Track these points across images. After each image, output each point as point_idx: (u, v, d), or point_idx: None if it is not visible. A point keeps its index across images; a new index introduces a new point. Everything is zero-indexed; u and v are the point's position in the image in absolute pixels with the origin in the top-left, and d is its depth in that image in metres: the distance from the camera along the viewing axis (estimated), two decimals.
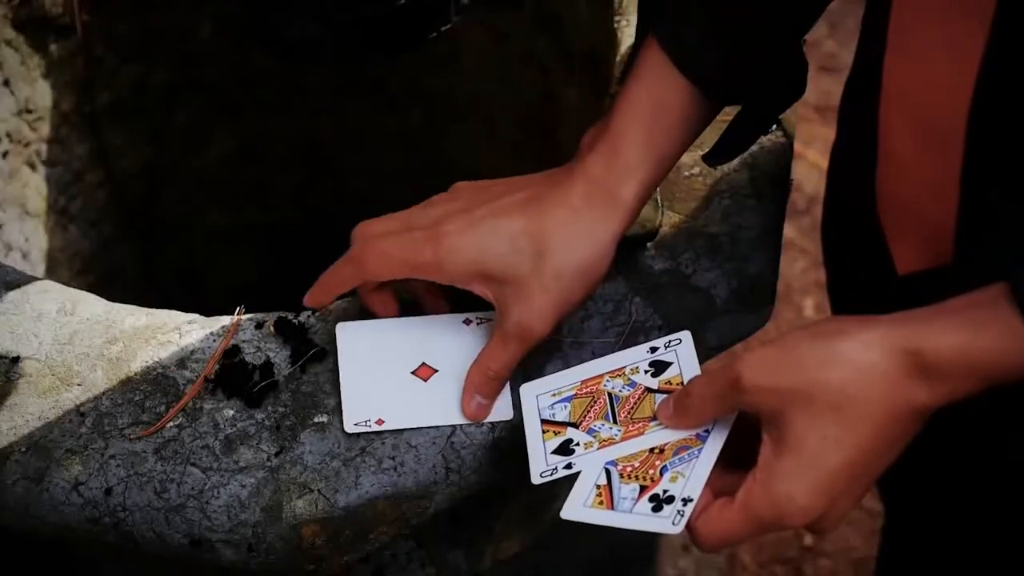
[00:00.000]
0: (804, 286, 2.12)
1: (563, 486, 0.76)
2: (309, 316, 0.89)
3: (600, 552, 1.26)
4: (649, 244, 0.91)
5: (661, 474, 0.73)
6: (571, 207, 0.78)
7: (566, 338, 0.86)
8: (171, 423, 0.83)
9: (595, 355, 0.84)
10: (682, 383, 0.77)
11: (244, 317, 0.89)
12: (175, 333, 0.88)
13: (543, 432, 0.79)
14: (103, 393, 0.85)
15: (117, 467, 0.81)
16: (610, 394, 0.79)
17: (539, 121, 1.42)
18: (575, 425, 0.78)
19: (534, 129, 1.44)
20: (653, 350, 0.80)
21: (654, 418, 0.76)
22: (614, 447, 0.76)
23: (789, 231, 2.14)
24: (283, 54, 1.16)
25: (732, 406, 0.70)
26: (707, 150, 0.87)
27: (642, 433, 0.75)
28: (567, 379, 0.81)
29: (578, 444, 0.77)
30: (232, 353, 0.86)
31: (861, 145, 0.84)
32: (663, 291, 0.88)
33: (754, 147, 0.97)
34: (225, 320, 0.89)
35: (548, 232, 0.78)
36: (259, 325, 0.89)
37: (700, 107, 0.79)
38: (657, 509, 0.71)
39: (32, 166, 1.35)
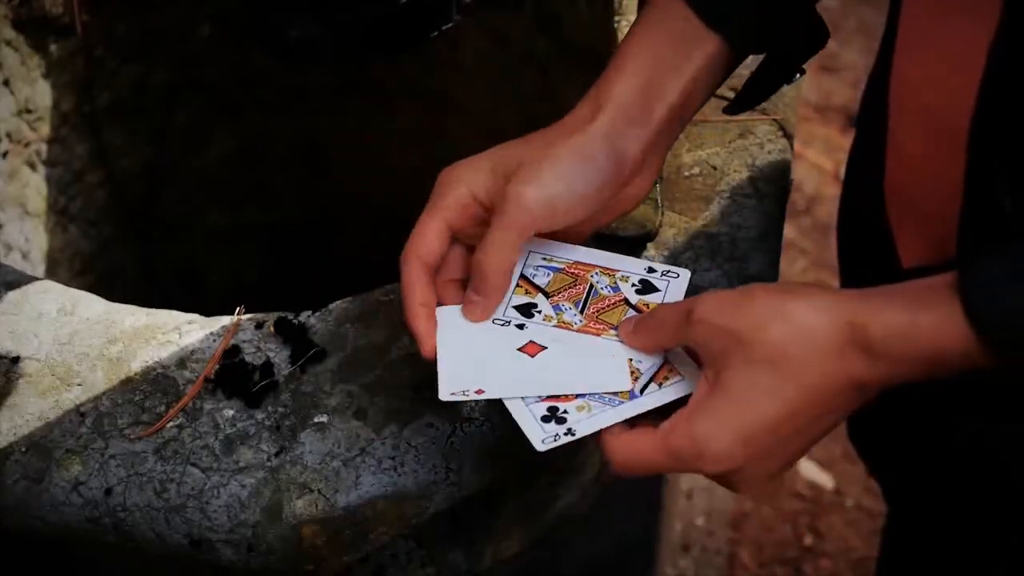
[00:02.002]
0: None
1: (563, 486, 0.76)
2: (309, 316, 0.89)
3: (600, 552, 1.27)
4: (649, 244, 0.91)
5: (577, 396, 0.74)
6: (597, 128, 0.76)
7: None
8: (171, 423, 0.83)
9: None
10: None
11: (244, 317, 0.89)
12: (175, 333, 0.88)
13: (516, 285, 0.80)
14: (103, 393, 0.85)
15: (117, 467, 0.81)
16: (592, 286, 0.80)
17: (539, 121, 1.42)
18: (547, 295, 0.80)
19: (534, 129, 1.44)
20: (650, 271, 0.81)
21: (617, 327, 0.77)
22: (567, 332, 0.77)
23: (789, 231, 2.15)
24: (283, 54, 1.16)
25: (683, 337, 0.71)
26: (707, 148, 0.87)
27: (598, 335, 0.77)
28: (563, 252, 0.82)
29: (539, 312, 0.79)
30: (232, 353, 0.86)
31: (873, 141, 0.85)
32: None
33: (754, 147, 0.97)
34: (225, 320, 0.89)
35: (574, 141, 0.76)
36: (259, 325, 0.89)
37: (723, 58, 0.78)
38: (546, 420, 0.73)
39: (32, 166, 1.35)
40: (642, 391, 0.74)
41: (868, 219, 0.89)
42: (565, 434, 0.72)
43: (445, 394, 0.75)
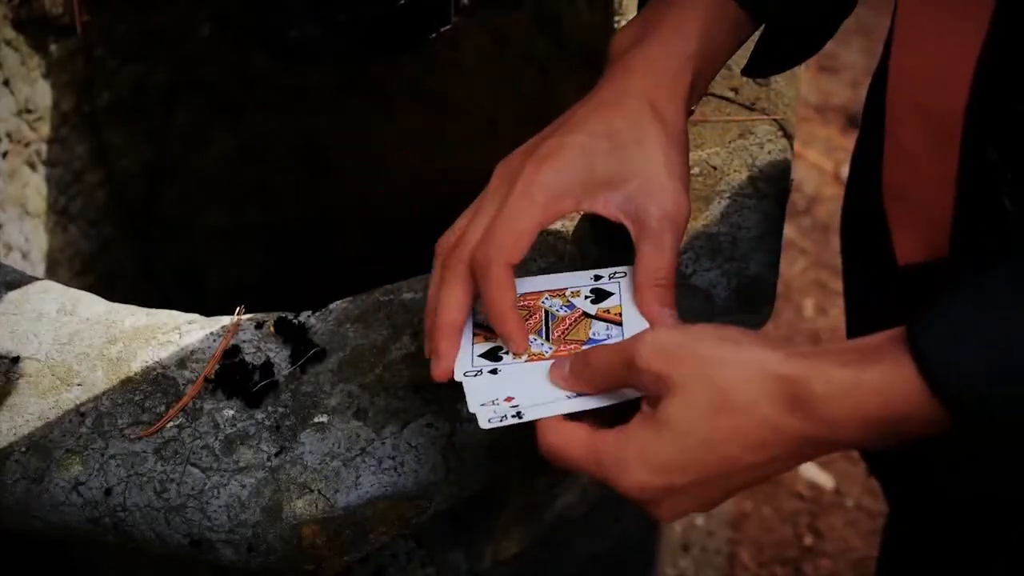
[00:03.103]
0: (804, 286, 2.12)
1: (563, 487, 0.76)
2: (309, 316, 0.89)
3: (600, 552, 1.27)
4: None
5: None
6: (642, 94, 0.77)
7: None
8: (171, 423, 0.83)
9: None
10: (620, 314, 0.77)
11: (244, 317, 0.89)
12: (175, 333, 0.88)
13: (474, 335, 0.78)
14: (103, 393, 0.85)
15: (117, 467, 0.81)
16: (547, 311, 0.79)
17: (539, 121, 1.42)
18: None
19: (534, 129, 1.44)
20: (597, 278, 0.80)
21: (588, 341, 0.76)
22: (542, 364, 0.76)
23: (789, 231, 2.15)
24: (283, 54, 1.16)
25: (624, 383, 0.70)
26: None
27: (571, 356, 0.76)
28: None
29: (507, 352, 0.77)
30: (232, 353, 0.86)
31: (875, 138, 0.85)
32: None
33: (754, 147, 0.97)
34: (225, 320, 0.89)
35: (636, 121, 0.76)
36: (259, 325, 0.89)
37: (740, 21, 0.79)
38: (497, 401, 0.73)
39: (32, 166, 1.35)
40: None
41: (868, 216, 0.89)
42: (513, 416, 0.72)
43: (475, 406, 0.75)
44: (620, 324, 0.77)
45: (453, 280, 0.75)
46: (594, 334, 0.77)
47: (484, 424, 0.72)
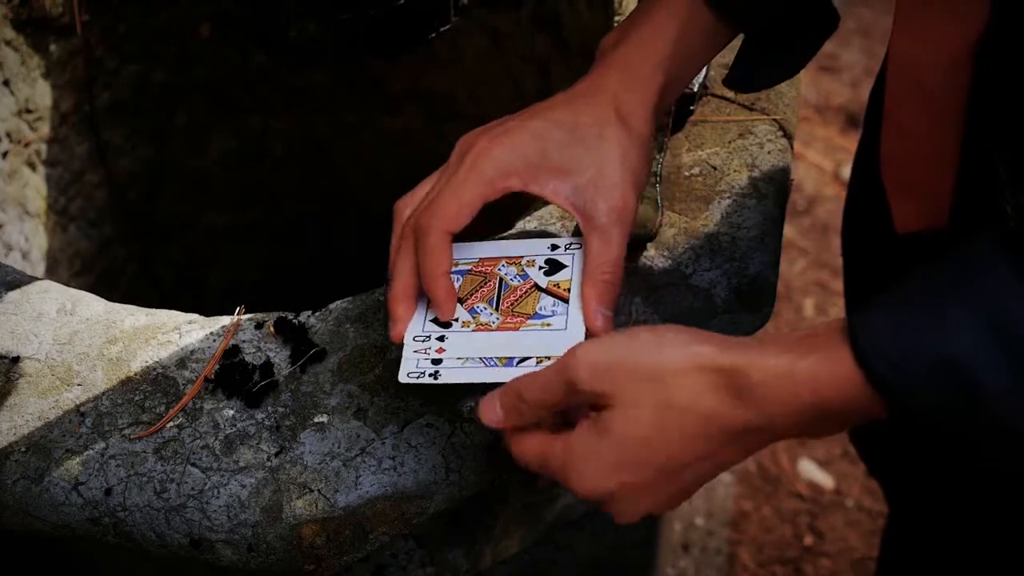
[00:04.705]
0: (804, 286, 2.12)
1: (563, 487, 0.75)
2: (309, 316, 0.89)
3: (600, 551, 1.26)
4: (649, 244, 0.91)
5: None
6: (613, 93, 0.79)
7: None
8: (171, 423, 0.83)
9: None
10: (569, 290, 0.79)
11: (244, 317, 0.89)
12: (175, 333, 0.88)
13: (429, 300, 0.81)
14: (103, 393, 0.85)
15: (117, 467, 0.81)
16: (501, 279, 0.81)
17: None
18: (461, 300, 0.80)
19: None
20: (554, 247, 0.82)
21: (534, 315, 0.78)
22: (487, 334, 0.78)
23: (789, 231, 2.15)
24: (283, 54, 1.16)
25: (565, 405, 0.71)
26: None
27: (517, 329, 0.78)
28: (468, 252, 0.83)
29: (457, 320, 0.79)
30: (232, 353, 0.86)
31: (875, 118, 0.86)
32: (663, 291, 0.88)
33: (754, 147, 0.97)
34: (225, 320, 0.89)
35: (600, 117, 0.78)
36: (259, 325, 0.89)
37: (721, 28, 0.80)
38: (423, 359, 0.77)
39: (32, 166, 1.35)
40: (519, 363, 0.76)
41: (869, 212, 0.90)
42: (429, 376, 0.76)
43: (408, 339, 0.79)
44: (567, 302, 0.79)
45: (407, 248, 0.79)
46: (541, 308, 0.79)
47: (401, 378, 0.76)
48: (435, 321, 0.79)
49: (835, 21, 0.81)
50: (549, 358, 0.75)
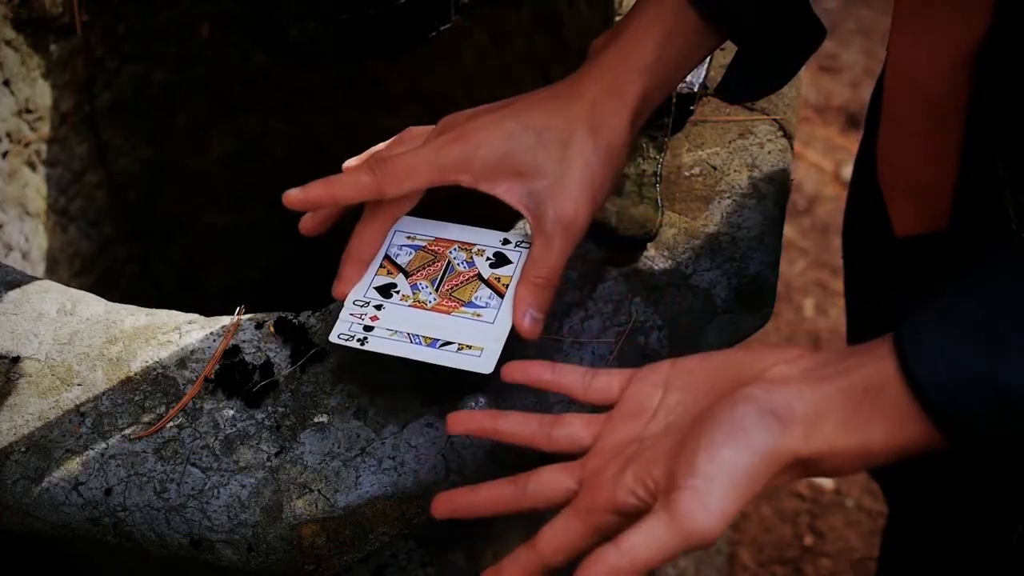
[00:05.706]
0: (804, 286, 2.12)
1: None
2: (309, 316, 0.89)
3: None
4: (649, 244, 0.91)
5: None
6: (590, 100, 0.80)
7: (567, 338, 0.86)
8: (171, 423, 0.83)
9: (595, 356, 0.84)
10: (508, 285, 0.81)
11: (244, 317, 0.89)
12: (175, 333, 0.88)
13: (380, 266, 0.84)
14: (103, 393, 0.85)
15: (117, 467, 0.81)
16: (449, 262, 0.84)
17: None
18: (407, 274, 0.83)
19: None
20: (505, 242, 0.84)
21: (468, 303, 0.81)
22: (421, 312, 0.81)
23: (789, 231, 2.15)
24: (283, 54, 1.16)
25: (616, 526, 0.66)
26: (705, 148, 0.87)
27: (449, 313, 0.81)
28: (426, 229, 0.86)
29: (398, 292, 0.82)
30: (232, 353, 0.86)
31: (876, 119, 0.85)
32: (663, 291, 0.88)
33: (754, 147, 0.97)
34: (225, 320, 0.89)
35: (571, 124, 0.79)
36: (259, 325, 0.89)
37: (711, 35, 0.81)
38: (356, 325, 0.80)
39: (32, 166, 1.35)
40: (440, 347, 0.78)
41: (870, 210, 0.90)
42: (359, 341, 0.79)
43: (348, 304, 0.82)
44: (503, 297, 0.81)
45: (370, 213, 0.83)
46: (476, 298, 0.81)
47: (332, 338, 0.80)
48: (378, 289, 0.82)
49: (821, 35, 0.81)
50: (470, 347, 0.78)
